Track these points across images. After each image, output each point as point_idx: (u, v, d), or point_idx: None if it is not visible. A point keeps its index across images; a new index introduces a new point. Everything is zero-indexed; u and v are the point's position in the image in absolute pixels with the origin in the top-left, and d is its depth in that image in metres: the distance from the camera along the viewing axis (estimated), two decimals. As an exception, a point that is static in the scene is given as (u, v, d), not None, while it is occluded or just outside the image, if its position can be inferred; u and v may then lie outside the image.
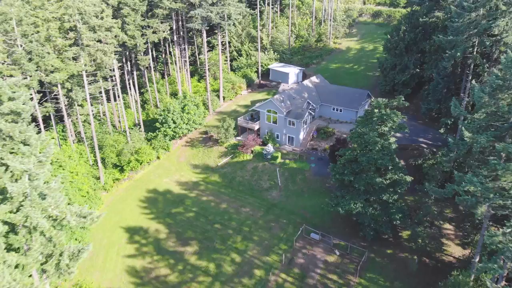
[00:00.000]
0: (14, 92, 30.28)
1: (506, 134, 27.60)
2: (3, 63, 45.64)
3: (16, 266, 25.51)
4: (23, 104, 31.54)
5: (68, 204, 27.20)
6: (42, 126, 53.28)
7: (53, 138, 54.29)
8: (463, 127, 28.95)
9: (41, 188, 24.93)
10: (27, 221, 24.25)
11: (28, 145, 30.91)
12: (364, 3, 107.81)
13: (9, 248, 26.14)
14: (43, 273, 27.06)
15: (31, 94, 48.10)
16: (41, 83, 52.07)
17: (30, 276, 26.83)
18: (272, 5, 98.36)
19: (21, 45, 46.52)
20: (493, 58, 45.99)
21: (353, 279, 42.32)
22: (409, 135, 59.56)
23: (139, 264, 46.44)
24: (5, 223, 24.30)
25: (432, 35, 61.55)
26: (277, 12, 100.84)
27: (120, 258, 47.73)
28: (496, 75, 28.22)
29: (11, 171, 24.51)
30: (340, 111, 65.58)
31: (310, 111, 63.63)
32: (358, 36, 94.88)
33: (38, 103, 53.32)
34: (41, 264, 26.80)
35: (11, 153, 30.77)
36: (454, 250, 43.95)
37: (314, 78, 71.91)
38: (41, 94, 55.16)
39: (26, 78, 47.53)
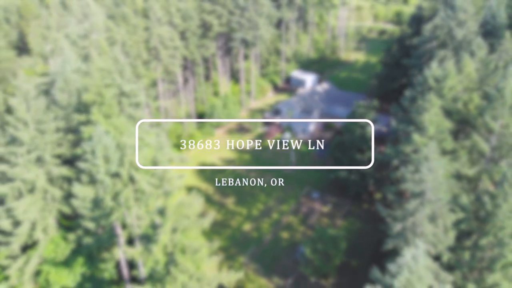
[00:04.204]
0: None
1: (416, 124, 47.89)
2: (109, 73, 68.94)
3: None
4: (142, 98, 54.59)
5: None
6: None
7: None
8: (391, 119, 49.26)
9: (162, 143, 47.38)
10: (156, 158, 46.77)
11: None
12: (374, 21, 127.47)
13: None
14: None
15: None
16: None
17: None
18: (296, 22, 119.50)
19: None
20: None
21: (339, 221, 63.41)
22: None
23: (194, 209, 68.80)
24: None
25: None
26: (300, 28, 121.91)
27: (181, 205, 70.30)
28: (417, 91, 48.68)
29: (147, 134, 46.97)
30: (342, 110, 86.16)
31: (319, 110, 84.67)
32: (366, 50, 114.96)
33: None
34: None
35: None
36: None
37: (324, 84, 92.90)
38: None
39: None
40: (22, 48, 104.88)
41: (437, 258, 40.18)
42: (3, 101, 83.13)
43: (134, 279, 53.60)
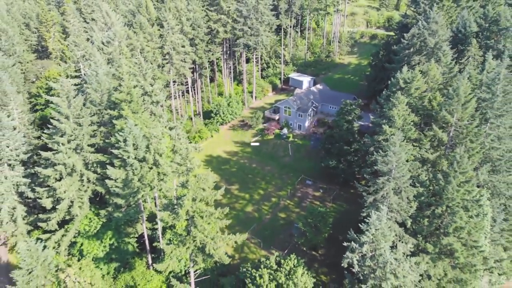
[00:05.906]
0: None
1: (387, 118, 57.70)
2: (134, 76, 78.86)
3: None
4: (161, 97, 64.52)
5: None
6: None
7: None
8: (370, 114, 58.92)
9: (180, 134, 57.23)
10: (175, 147, 56.60)
11: (162, 117, 63.89)
12: (367, 26, 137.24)
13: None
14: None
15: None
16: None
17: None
18: (294, 27, 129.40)
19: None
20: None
21: (328, 204, 73.23)
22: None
23: (203, 194, 78.67)
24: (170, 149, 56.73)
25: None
26: (298, 32, 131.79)
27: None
28: (391, 91, 58.46)
29: (165, 127, 56.82)
30: (334, 108, 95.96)
31: (314, 108, 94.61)
32: (358, 54, 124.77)
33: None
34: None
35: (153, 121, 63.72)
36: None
37: (318, 85, 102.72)
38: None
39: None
40: (40, 51, 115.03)
41: (402, 225, 49.98)
42: (28, 101, 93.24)
43: (154, 251, 63.54)
